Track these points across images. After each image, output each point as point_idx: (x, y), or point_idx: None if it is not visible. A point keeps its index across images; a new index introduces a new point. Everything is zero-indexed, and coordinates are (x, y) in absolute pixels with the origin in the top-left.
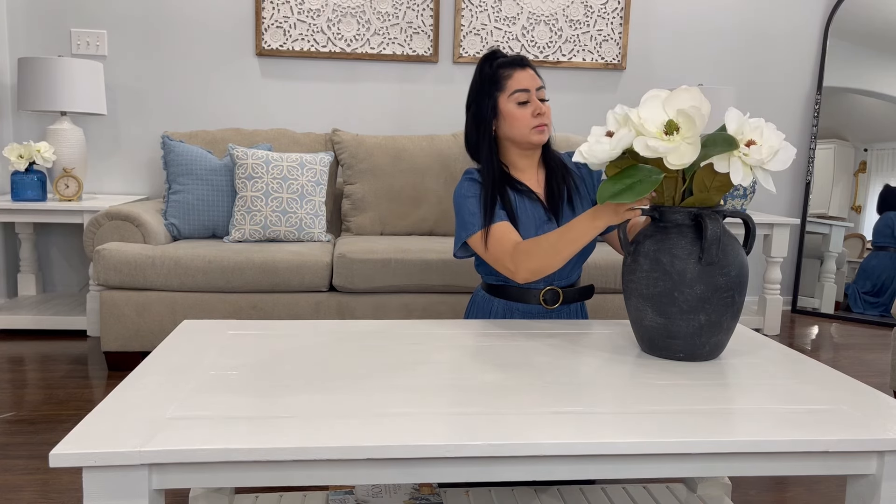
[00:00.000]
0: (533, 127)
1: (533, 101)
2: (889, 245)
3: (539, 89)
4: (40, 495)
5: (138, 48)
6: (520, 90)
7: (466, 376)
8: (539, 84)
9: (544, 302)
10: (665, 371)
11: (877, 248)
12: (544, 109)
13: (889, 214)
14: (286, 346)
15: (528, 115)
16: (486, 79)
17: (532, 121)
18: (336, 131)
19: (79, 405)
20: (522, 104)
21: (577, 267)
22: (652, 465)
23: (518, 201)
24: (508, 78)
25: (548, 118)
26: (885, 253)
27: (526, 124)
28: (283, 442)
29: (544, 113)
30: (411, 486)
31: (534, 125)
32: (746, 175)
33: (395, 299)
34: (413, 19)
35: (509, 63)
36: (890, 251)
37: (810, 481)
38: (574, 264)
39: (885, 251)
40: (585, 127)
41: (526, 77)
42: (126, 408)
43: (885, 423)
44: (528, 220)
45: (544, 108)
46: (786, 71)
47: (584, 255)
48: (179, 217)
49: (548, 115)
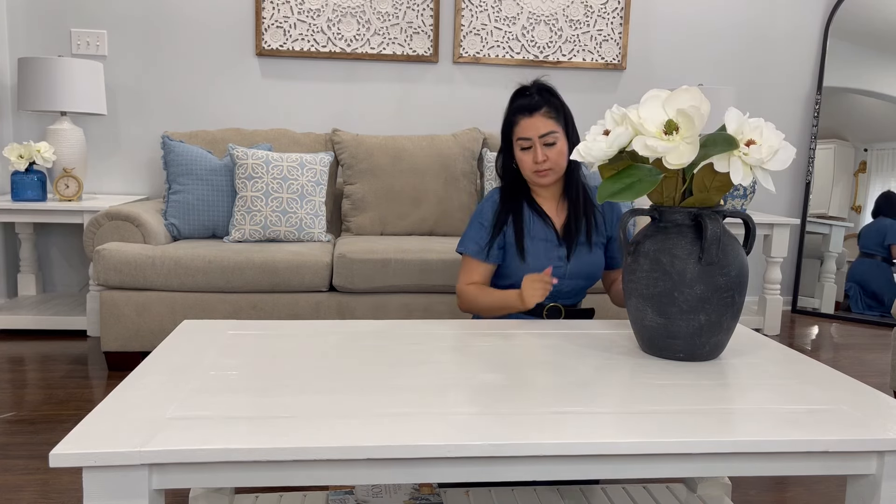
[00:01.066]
0: (534, 171)
1: (535, 148)
2: (876, 253)
3: (546, 135)
4: (40, 495)
5: (138, 48)
6: (522, 138)
7: (466, 376)
8: (545, 130)
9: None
10: (665, 371)
11: (864, 255)
12: (546, 156)
13: (882, 222)
14: (286, 346)
15: (530, 160)
16: (506, 118)
17: (533, 166)
18: (336, 131)
19: (79, 405)
20: (526, 149)
21: (582, 292)
22: (652, 465)
23: (531, 219)
24: (516, 124)
25: (553, 162)
26: (871, 260)
27: (528, 168)
28: (283, 442)
29: (546, 160)
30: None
31: (534, 170)
32: (746, 175)
33: (395, 299)
34: (413, 19)
35: (519, 109)
36: (877, 259)
37: (810, 481)
38: (581, 289)
39: (872, 258)
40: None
41: (530, 125)
42: (126, 408)
43: (885, 423)
44: (538, 240)
45: (547, 155)
46: (786, 71)
47: (590, 280)
48: (179, 217)
49: (553, 160)
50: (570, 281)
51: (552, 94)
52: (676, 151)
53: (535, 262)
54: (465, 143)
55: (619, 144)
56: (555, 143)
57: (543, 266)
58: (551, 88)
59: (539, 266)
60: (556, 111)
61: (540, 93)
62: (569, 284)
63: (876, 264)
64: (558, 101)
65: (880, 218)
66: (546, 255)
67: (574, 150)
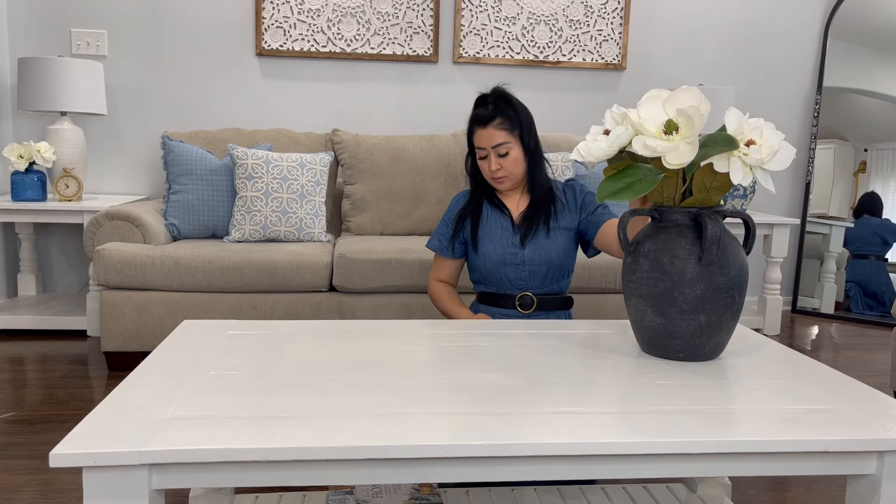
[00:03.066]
0: (491, 178)
1: (489, 158)
2: (870, 253)
3: (499, 146)
4: (40, 495)
5: (138, 48)
6: (478, 148)
7: (466, 376)
8: (498, 141)
9: (520, 307)
10: (665, 371)
11: (857, 257)
12: (500, 165)
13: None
14: (286, 346)
15: (486, 168)
16: (468, 125)
17: (490, 173)
18: (336, 131)
19: (79, 405)
20: (483, 158)
21: (553, 281)
22: (652, 465)
23: (489, 212)
24: (474, 133)
25: (506, 171)
26: (867, 261)
27: (486, 174)
28: (283, 442)
29: (500, 168)
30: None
31: (491, 177)
32: (746, 175)
33: (395, 299)
34: (413, 19)
35: (475, 120)
36: (871, 258)
37: (810, 481)
38: (546, 276)
39: (866, 259)
40: (585, 127)
41: (484, 136)
42: (126, 408)
43: (885, 423)
44: (493, 229)
45: (500, 164)
46: (786, 71)
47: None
48: (179, 217)
49: (507, 169)
50: (530, 267)
51: (508, 102)
52: (676, 151)
53: (487, 248)
54: (465, 143)
55: (619, 144)
56: (507, 153)
57: (495, 252)
58: (508, 97)
59: (492, 252)
60: (510, 121)
61: (496, 102)
62: (530, 271)
63: (873, 264)
64: (513, 110)
65: (865, 217)
66: (500, 241)
67: (574, 150)
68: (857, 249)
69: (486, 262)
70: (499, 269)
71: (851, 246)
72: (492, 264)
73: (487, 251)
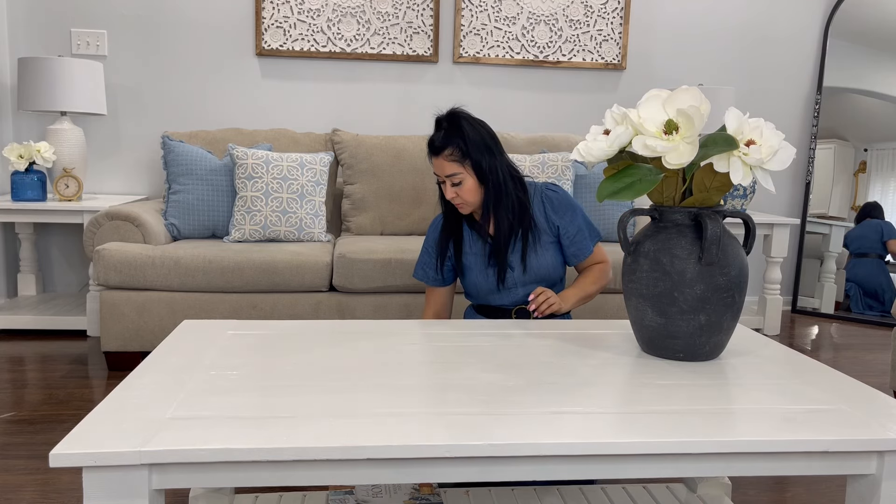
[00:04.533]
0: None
1: (446, 186)
2: (871, 251)
3: (451, 175)
4: (40, 495)
5: (138, 48)
6: (435, 174)
7: (466, 376)
8: (449, 172)
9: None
10: (665, 371)
11: (857, 256)
12: (455, 194)
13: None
14: (286, 346)
15: (446, 193)
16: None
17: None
18: (336, 131)
19: (79, 405)
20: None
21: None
22: (652, 465)
23: (470, 239)
24: (430, 160)
25: (462, 199)
26: (867, 259)
27: (448, 199)
28: (283, 442)
29: (456, 196)
30: (411, 486)
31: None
32: (746, 175)
33: (395, 299)
34: (413, 19)
35: (429, 147)
36: (871, 257)
37: (810, 481)
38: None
39: (866, 257)
40: (585, 127)
41: (437, 166)
42: (126, 408)
43: (885, 423)
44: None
45: (456, 192)
46: (786, 71)
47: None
48: (179, 217)
49: (463, 197)
50: (522, 288)
51: (458, 130)
52: (676, 151)
53: (476, 278)
54: None
55: (620, 144)
56: (460, 182)
57: (484, 282)
58: (458, 123)
59: (481, 281)
60: (460, 151)
61: (448, 130)
62: (523, 291)
63: (873, 263)
64: (462, 139)
65: (868, 220)
66: (484, 273)
67: (574, 150)
68: (858, 248)
69: (478, 290)
70: (490, 295)
71: (852, 245)
72: (484, 291)
73: (476, 281)
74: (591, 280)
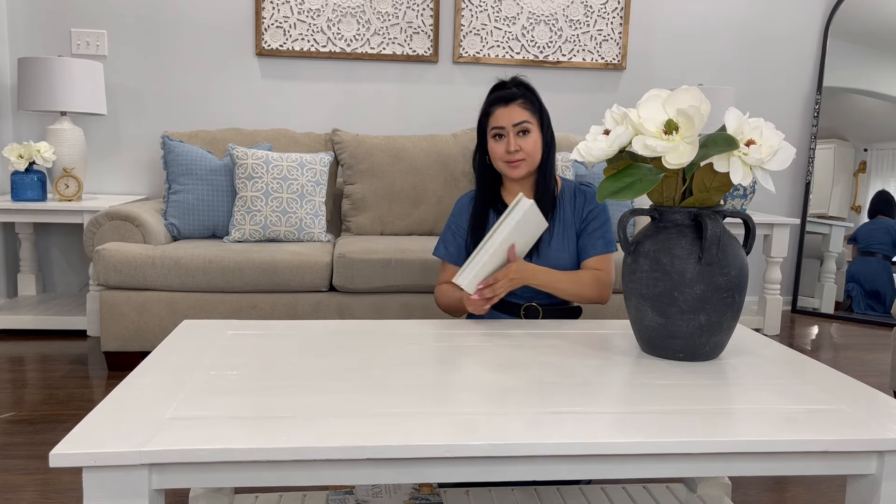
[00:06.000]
0: (505, 161)
1: (508, 137)
2: (878, 251)
3: (520, 123)
4: (40, 495)
5: (138, 48)
6: (496, 127)
7: (466, 376)
8: (520, 119)
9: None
10: (665, 371)
11: (864, 254)
12: (519, 146)
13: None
14: (286, 346)
15: (502, 150)
16: (482, 110)
17: (505, 156)
18: (336, 131)
19: (79, 405)
20: (499, 138)
21: None
22: (652, 465)
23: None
24: (491, 114)
25: (525, 153)
26: (872, 259)
27: (499, 157)
28: (283, 442)
29: (519, 150)
30: (411, 486)
31: (506, 160)
32: (746, 175)
33: (395, 299)
34: (413, 19)
35: (496, 100)
36: (877, 257)
37: (810, 481)
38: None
39: (873, 256)
40: (585, 127)
41: (505, 114)
42: (126, 408)
43: (885, 423)
44: None
45: (520, 145)
46: (786, 71)
47: None
48: (179, 217)
49: (527, 150)
50: None
51: (530, 89)
52: (676, 151)
53: None
54: (465, 143)
55: (620, 144)
56: (529, 131)
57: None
58: (529, 85)
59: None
60: (533, 105)
61: (518, 86)
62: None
63: (879, 263)
64: (535, 96)
65: (880, 218)
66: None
67: (574, 150)
68: (866, 246)
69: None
70: None
71: (860, 243)
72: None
73: None
74: (573, 278)
